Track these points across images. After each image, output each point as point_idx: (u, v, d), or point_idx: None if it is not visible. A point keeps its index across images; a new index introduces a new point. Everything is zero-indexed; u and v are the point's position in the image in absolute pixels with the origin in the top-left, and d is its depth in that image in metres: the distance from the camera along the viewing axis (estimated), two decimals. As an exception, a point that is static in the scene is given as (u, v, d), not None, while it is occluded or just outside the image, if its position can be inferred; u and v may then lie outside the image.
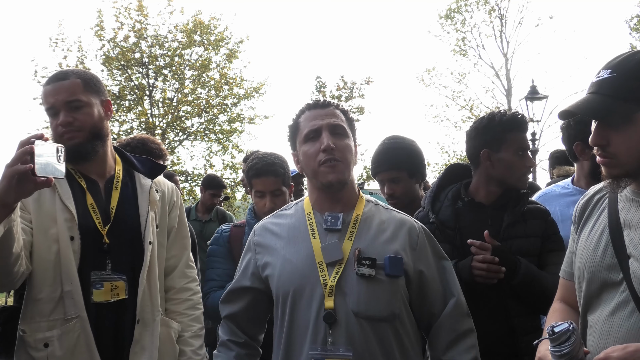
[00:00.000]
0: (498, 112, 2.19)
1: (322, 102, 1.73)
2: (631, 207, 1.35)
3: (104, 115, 1.95)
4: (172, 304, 2.06)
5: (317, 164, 1.63)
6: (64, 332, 1.77)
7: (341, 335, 1.54)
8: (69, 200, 1.83)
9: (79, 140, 1.84)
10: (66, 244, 1.79)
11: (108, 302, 1.83)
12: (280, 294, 1.64)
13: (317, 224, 1.68)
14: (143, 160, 2.09)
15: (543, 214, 2.13)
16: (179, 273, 2.09)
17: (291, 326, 1.62)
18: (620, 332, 1.29)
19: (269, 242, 1.73)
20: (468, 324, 1.70)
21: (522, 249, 2.05)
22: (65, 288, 1.78)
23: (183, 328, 2.04)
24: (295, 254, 1.65)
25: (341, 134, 1.66)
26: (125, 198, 1.96)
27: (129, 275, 1.88)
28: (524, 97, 11.25)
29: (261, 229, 1.79)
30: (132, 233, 1.92)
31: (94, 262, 1.84)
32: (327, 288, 1.57)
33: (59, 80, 1.87)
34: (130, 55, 14.49)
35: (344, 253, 1.61)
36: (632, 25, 14.79)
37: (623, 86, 1.27)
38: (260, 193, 2.47)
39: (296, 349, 1.60)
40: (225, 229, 2.63)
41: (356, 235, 1.64)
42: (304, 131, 1.68)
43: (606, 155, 1.32)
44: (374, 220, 1.69)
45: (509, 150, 2.09)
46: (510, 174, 2.11)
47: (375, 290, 1.57)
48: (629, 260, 1.30)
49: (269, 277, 1.69)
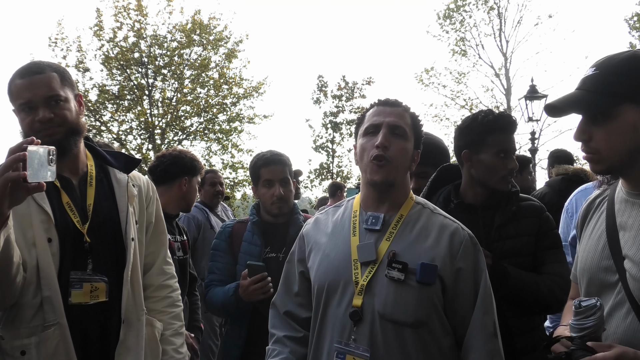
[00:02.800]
0: (483, 112, 2.16)
1: (393, 101, 1.73)
2: (626, 209, 1.36)
3: (79, 110, 1.87)
4: (151, 302, 1.99)
5: (368, 159, 1.64)
6: (42, 339, 1.69)
7: (364, 334, 1.56)
8: (44, 201, 1.73)
9: (59, 136, 1.75)
10: (44, 247, 1.70)
11: (87, 303, 1.75)
12: (316, 287, 1.68)
13: (359, 222, 1.69)
14: (116, 154, 2.02)
15: (536, 211, 2.10)
16: (157, 270, 2.04)
17: (323, 318, 1.66)
18: (617, 333, 1.30)
19: (315, 235, 1.77)
20: (495, 345, 1.60)
21: (514, 249, 2.03)
22: (44, 293, 1.69)
23: (163, 326, 2.00)
24: (334, 250, 1.68)
25: (400, 135, 1.65)
26: (101, 195, 1.88)
27: (111, 275, 1.81)
28: (523, 96, 11.24)
29: (311, 222, 1.85)
30: (113, 230, 1.86)
31: (75, 263, 1.76)
32: (358, 287, 1.59)
33: (34, 74, 1.76)
34: (129, 55, 14.50)
35: (379, 254, 1.60)
36: (632, 24, 14.79)
37: (604, 81, 1.29)
38: (268, 182, 2.53)
39: (325, 340, 1.64)
40: (229, 224, 2.71)
41: (395, 237, 1.63)
42: (365, 124, 1.70)
43: (589, 151, 1.34)
44: (418, 224, 1.66)
45: (489, 152, 2.06)
46: (489, 176, 2.08)
47: (403, 294, 1.55)
48: (624, 261, 1.30)
49: (310, 268, 1.74)
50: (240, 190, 15.45)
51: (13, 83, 1.79)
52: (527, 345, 1.99)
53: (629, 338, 1.27)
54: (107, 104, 14.74)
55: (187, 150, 3.18)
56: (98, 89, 14.48)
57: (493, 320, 1.62)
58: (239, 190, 15.39)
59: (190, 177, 2.99)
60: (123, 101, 14.84)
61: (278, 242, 2.55)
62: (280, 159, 2.57)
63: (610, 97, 1.27)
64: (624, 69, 1.27)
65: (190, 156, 3.04)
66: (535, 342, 2.02)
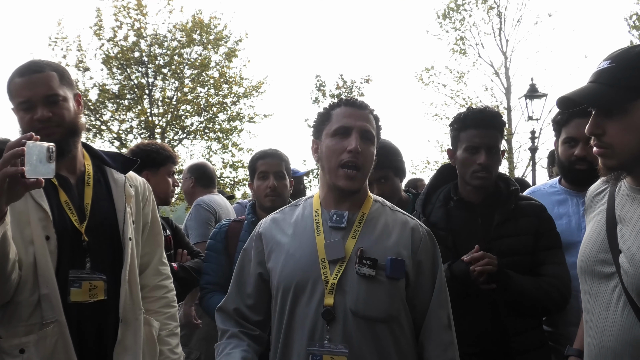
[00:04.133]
0: (465, 110, 2.20)
1: (360, 103, 1.71)
2: (626, 203, 1.35)
3: (77, 110, 1.86)
4: (147, 302, 1.99)
5: (337, 163, 1.63)
6: (41, 337, 1.67)
7: (338, 333, 1.55)
8: (42, 198, 1.72)
9: (57, 136, 1.74)
10: (41, 244, 1.69)
11: (86, 302, 1.75)
12: (281, 288, 1.65)
13: (322, 221, 1.68)
14: (114, 155, 2.03)
15: (536, 211, 2.10)
16: (152, 270, 2.04)
17: (290, 321, 1.63)
18: (615, 328, 1.30)
19: (274, 235, 1.74)
20: (449, 337, 1.65)
21: (512, 248, 2.03)
22: (42, 291, 1.68)
23: (160, 327, 2.00)
24: (299, 249, 1.66)
25: (369, 140, 1.67)
26: (99, 194, 1.88)
27: (108, 275, 1.81)
28: (523, 95, 11.24)
29: (267, 222, 1.81)
30: (111, 230, 1.86)
31: (73, 262, 1.75)
32: (328, 285, 1.58)
33: (34, 73, 1.76)
34: (129, 54, 14.47)
35: (346, 251, 1.61)
36: (632, 23, 14.77)
37: (620, 75, 1.27)
38: (263, 174, 2.53)
39: (294, 343, 1.61)
40: (225, 223, 2.68)
41: (360, 234, 1.64)
42: (334, 125, 1.67)
43: (602, 146, 1.31)
44: (380, 220, 1.68)
45: (462, 148, 2.11)
46: (464, 172, 2.12)
47: (374, 290, 1.57)
48: (619, 255, 1.30)
49: (271, 270, 1.70)
50: (240, 189, 15.45)
51: (12, 81, 1.78)
52: (522, 346, 1.99)
53: (626, 332, 1.27)
54: (107, 103, 14.71)
55: (150, 143, 3.04)
56: (98, 88, 14.45)
57: (447, 312, 1.67)
58: (239, 190, 15.39)
59: (154, 170, 2.82)
60: (123, 100, 14.81)
61: None
62: (277, 153, 2.59)
63: (627, 91, 1.25)
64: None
65: (150, 149, 2.87)
66: (532, 342, 2.03)
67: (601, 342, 1.33)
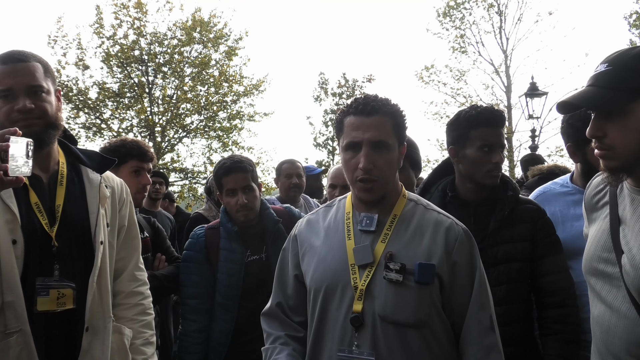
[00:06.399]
0: (468, 107, 2.14)
1: (370, 109, 1.59)
2: (628, 204, 1.36)
3: (58, 106, 1.79)
4: (121, 309, 1.91)
5: (354, 178, 1.60)
6: (3, 348, 1.56)
7: (366, 339, 1.53)
8: (10, 199, 1.62)
9: (37, 128, 1.66)
10: (8, 249, 1.58)
11: (54, 311, 1.66)
12: (312, 291, 1.65)
13: (353, 224, 1.65)
14: (90, 153, 1.94)
15: (534, 216, 2.05)
16: (128, 276, 1.95)
17: (320, 323, 1.62)
18: (619, 327, 1.30)
19: (308, 237, 1.73)
20: (491, 340, 1.58)
21: (509, 254, 1.99)
22: (6, 298, 1.57)
23: (134, 335, 1.91)
24: (329, 253, 1.65)
25: (383, 148, 1.58)
26: (72, 195, 1.78)
27: (78, 282, 1.72)
28: (523, 93, 11.24)
29: (303, 223, 1.81)
30: (82, 233, 1.76)
31: (40, 268, 1.66)
32: (357, 291, 1.56)
33: (18, 62, 1.68)
34: (129, 52, 14.47)
35: (375, 256, 1.57)
36: (632, 22, 14.75)
37: (618, 77, 1.28)
38: (231, 191, 2.48)
39: (324, 346, 1.61)
40: (200, 232, 2.58)
41: (390, 238, 1.60)
42: (345, 139, 1.61)
43: (603, 148, 1.32)
44: (412, 222, 1.63)
45: (473, 147, 2.05)
46: (475, 171, 2.07)
47: (402, 295, 1.53)
48: (622, 255, 1.31)
49: (305, 272, 1.70)
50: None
51: None
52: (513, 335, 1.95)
53: (630, 332, 1.28)
54: (108, 102, 14.71)
55: (118, 140, 2.70)
56: (98, 86, 14.46)
57: (489, 314, 1.60)
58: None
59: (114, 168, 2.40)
60: (123, 99, 14.81)
61: (256, 242, 2.52)
62: (240, 166, 2.48)
63: (626, 93, 1.26)
64: (638, 65, 1.26)
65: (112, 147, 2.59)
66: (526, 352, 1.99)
67: (607, 341, 1.34)
